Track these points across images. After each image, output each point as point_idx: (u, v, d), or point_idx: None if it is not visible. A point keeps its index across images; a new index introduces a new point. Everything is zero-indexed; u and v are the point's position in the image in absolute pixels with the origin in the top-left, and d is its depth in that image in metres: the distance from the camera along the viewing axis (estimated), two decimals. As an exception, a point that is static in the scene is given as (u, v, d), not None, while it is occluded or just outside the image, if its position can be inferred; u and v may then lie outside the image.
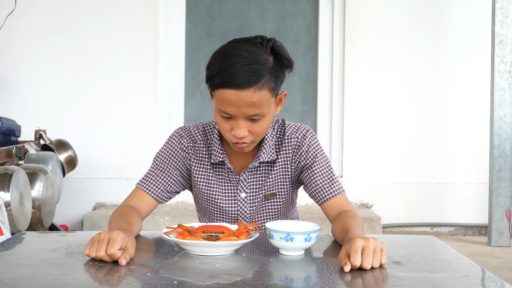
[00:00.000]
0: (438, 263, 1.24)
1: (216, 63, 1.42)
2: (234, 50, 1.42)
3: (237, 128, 1.44)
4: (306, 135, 1.60)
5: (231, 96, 1.39)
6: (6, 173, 2.39)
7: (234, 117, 1.43)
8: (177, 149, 1.60)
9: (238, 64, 1.39)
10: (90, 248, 1.22)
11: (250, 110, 1.41)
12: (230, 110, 1.42)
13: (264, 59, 1.42)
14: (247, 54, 1.41)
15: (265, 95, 1.42)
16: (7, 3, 3.69)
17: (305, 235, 1.27)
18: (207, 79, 1.46)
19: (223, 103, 1.41)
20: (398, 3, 3.97)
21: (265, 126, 1.47)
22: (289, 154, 1.60)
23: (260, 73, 1.40)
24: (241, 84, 1.38)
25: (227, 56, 1.41)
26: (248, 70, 1.39)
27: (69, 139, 3.59)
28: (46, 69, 3.87)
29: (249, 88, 1.39)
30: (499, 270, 3.10)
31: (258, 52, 1.42)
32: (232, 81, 1.38)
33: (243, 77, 1.38)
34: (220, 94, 1.41)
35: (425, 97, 4.01)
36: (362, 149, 4.00)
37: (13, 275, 1.11)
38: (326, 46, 4.09)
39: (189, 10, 4.09)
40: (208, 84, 1.45)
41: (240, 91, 1.39)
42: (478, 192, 4.02)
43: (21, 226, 2.44)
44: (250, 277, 1.13)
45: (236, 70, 1.38)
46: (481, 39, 3.96)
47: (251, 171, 1.59)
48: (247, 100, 1.40)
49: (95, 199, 3.91)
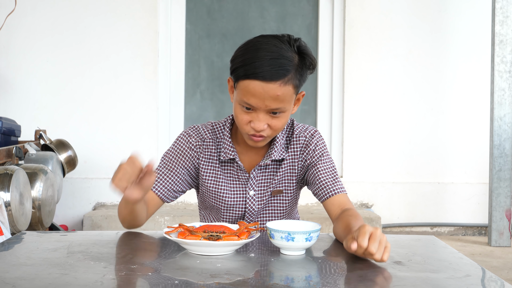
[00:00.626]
0: (439, 263, 1.24)
1: (243, 55, 1.45)
2: (262, 44, 1.45)
3: (257, 121, 1.46)
4: (314, 135, 1.63)
5: (256, 88, 1.41)
6: (6, 173, 2.39)
7: (255, 110, 1.45)
8: (186, 148, 1.61)
9: (267, 57, 1.41)
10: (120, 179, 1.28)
11: (273, 103, 1.43)
12: (253, 102, 1.43)
13: (291, 56, 1.45)
14: (275, 49, 1.43)
15: (289, 91, 1.44)
16: (7, 3, 3.69)
17: (306, 235, 1.27)
18: (232, 70, 1.48)
19: (247, 94, 1.43)
20: (398, 3, 3.97)
21: (283, 122, 1.49)
22: (297, 152, 1.62)
23: (287, 68, 1.43)
24: (268, 77, 1.40)
25: (255, 49, 1.44)
26: (276, 64, 1.41)
27: (69, 139, 3.59)
28: (46, 69, 3.87)
29: (275, 81, 1.41)
30: (499, 270, 3.10)
31: (286, 48, 1.45)
32: (259, 73, 1.40)
33: (271, 70, 1.40)
34: (245, 85, 1.43)
35: (425, 97, 4.01)
36: (362, 149, 4.00)
37: (14, 275, 1.11)
38: (326, 46, 4.09)
39: (189, 10, 4.09)
40: (233, 75, 1.47)
41: (266, 83, 1.41)
42: (478, 192, 4.02)
43: (21, 226, 2.44)
44: (251, 276, 1.13)
45: (264, 62, 1.41)
46: (481, 39, 3.96)
47: (261, 169, 1.61)
48: (272, 93, 1.42)
49: (95, 199, 3.91)
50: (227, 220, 1.64)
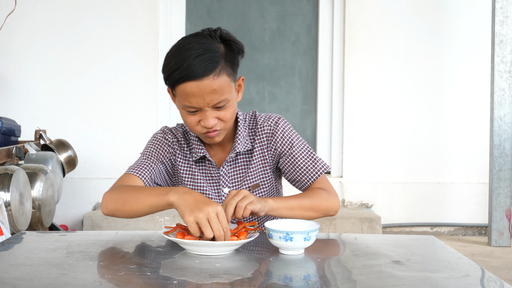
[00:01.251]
0: (438, 263, 1.24)
1: (170, 61, 1.45)
2: (185, 45, 1.44)
3: (205, 119, 1.47)
4: (278, 122, 1.63)
5: (192, 88, 1.42)
6: (6, 173, 2.39)
7: (200, 109, 1.46)
8: (163, 144, 1.62)
9: (192, 56, 1.42)
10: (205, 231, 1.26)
11: (214, 97, 1.44)
12: (194, 103, 1.44)
13: (216, 47, 1.45)
14: (198, 46, 1.43)
15: (225, 80, 1.45)
16: (7, 3, 3.69)
17: (305, 235, 1.27)
18: (165, 79, 1.48)
19: (187, 97, 1.44)
20: (398, 3, 3.97)
21: (232, 112, 1.50)
22: (263, 141, 1.62)
23: (215, 59, 1.43)
24: (199, 74, 1.41)
25: (179, 51, 1.44)
26: (203, 59, 1.42)
27: (69, 139, 3.59)
28: (46, 69, 3.87)
29: (207, 76, 1.42)
30: (499, 270, 3.10)
31: (208, 42, 1.45)
32: (190, 73, 1.41)
33: (199, 67, 1.41)
34: (182, 89, 1.43)
35: (425, 97, 4.01)
36: (362, 149, 4.00)
37: (13, 274, 1.11)
38: (326, 46, 4.09)
39: (189, 10, 4.09)
40: (168, 84, 1.48)
41: (200, 81, 1.41)
42: (478, 192, 4.02)
43: (21, 226, 2.44)
44: (249, 276, 1.13)
45: (191, 62, 1.41)
46: (481, 39, 3.96)
47: (230, 164, 1.62)
48: (208, 89, 1.42)
49: (95, 199, 3.91)
50: None
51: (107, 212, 1.50)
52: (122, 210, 1.47)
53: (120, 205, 1.47)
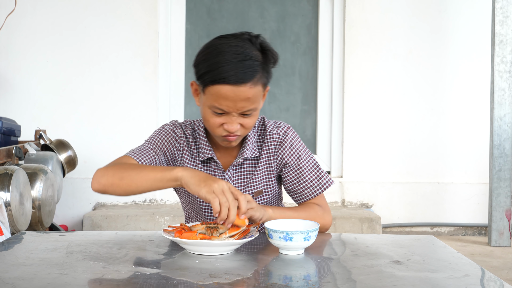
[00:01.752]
0: (438, 263, 1.24)
1: (207, 59, 1.43)
2: (226, 46, 1.42)
3: (230, 123, 1.45)
4: (287, 132, 1.62)
5: (227, 92, 1.40)
6: (6, 173, 2.39)
7: (227, 112, 1.44)
8: (170, 137, 1.60)
9: (234, 60, 1.40)
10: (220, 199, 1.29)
11: (246, 105, 1.43)
12: (225, 106, 1.42)
13: (256, 55, 1.44)
14: (240, 50, 1.42)
15: (259, 91, 1.44)
16: (7, 3, 3.69)
17: (304, 234, 1.27)
18: (198, 75, 1.45)
19: (218, 99, 1.42)
20: (398, 3, 3.97)
21: (254, 120, 1.50)
22: (271, 149, 1.61)
23: (255, 68, 1.42)
24: (238, 80, 1.39)
25: (219, 52, 1.42)
26: (245, 66, 1.40)
27: (69, 139, 3.59)
28: (46, 69, 3.87)
29: (245, 83, 1.40)
30: (499, 270, 3.10)
31: (249, 47, 1.44)
32: (229, 77, 1.39)
33: (240, 73, 1.39)
34: (215, 90, 1.41)
35: (425, 97, 4.01)
36: (362, 149, 4.00)
37: (13, 274, 1.11)
38: (326, 46, 4.09)
39: (189, 10, 4.09)
40: (200, 81, 1.45)
41: (237, 87, 1.40)
42: (478, 192, 4.02)
43: (21, 226, 2.44)
44: (250, 276, 1.13)
45: (232, 66, 1.39)
46: (481, 39, 3.96)
47: (236, 169, 1.61)
48: (243, 96, 1.41)
49: (95, 199, 3.91)
50: (209, 218, 1.64)
51: (99, 187, 1.46)
52: (119, 184, 1.43)
53: (117, 179, 1.44)
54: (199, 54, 1.47)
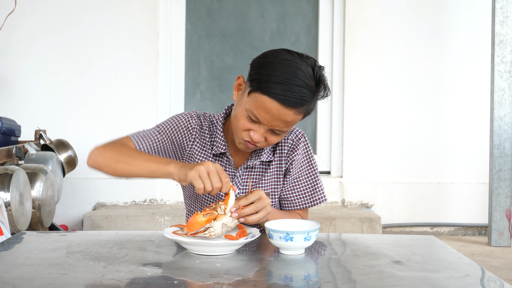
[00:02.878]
0: (438, 263, 1.24)
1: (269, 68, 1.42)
2: (291, 64, 1.41)
3: (257, 134, 1.46)
4: (300, 139, 1.63)
5: (272, 108, 1.41)
6: (6, 173, 2.39)
7: (259, 124, 1.45)
8: (183, 126, 1.59)
9: (294, 83, 1.39)
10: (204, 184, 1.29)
11: (280, 125, 1.44)
12: (262, 118, 1.43)
13: (312, 86, 1.43)
14: (303, 76, 1.41)
15: (299, 118, 1.46)
16: (7, 3, 3.69)
17: (305, 235, 1.27)
18: (252, 77, 1.44)
19: (259, 109, 1.42)
20: (398, 3, 3.97)
21: (279, 139, 1.51)
22: (284, 155, 1.62)
23: (307, 99, 1.42)
24: (288, 103, 1.40)
25: (282, 66, 1.41)
26: (300, 92, 1.40)
27: (69, 139, 3.59)
28: (46, 69, 3.87)
29: (292, 108, 1.41)
30: (499, 270, 3.10)
31: (310, 76, 1.42)
32: (282, 97, 1.39)
33: (294, 98, 1.39)
34: (262, 100, 1.41)
35: (425, 97, 4.01)
36: (362, 149, 4.00)
37: (14, 274, 1.11)
38: (326, 46, 4.09)
39: (189, 10, 4.09)
40: (252, 82, 1.44)
41: (284, 108, 1.40)
42: (478, 192, 4.02)
43: (21, 226, 2.44)
44: (250, 276, 1.13)
45: (290, 87, 1.39)
46: (481, 39, 3.96)
47: (247, 169, 1.61)
48: (284, 118, 1.42)
49: (95, 199, 3.91)
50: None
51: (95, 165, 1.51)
52: (114, 167, 1.46)
53: (113, 161, 1.47)
54: (262, 57, 1.46)
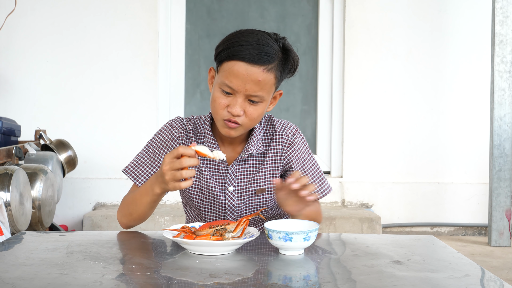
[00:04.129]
0: (438, 263, 1.24)
1: (230, 39, 1.48)
2: (250, 32, 1.48)
3: (234, 105, 1.47)
4: (295, 134, 1.65)
5: (240, 69, 1.44)
6: (6, 173, 2.39)
7: (235, 94, 1.47)
8: (168, 139, 1.61)
9: (254, 42, 1.45)
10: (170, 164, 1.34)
11: (254, 88, 1.45)
12: (234, 83, 1.45)
13: (276, 49, 1.48)
14: (262, 37, 1.47)
15: (270, 80, 1.47)
16: (7, 3, 3.69)
17: (304, 235, 1.27)
18: (217, 53, 1.49)
19: (230, 76, 1.45)
20: (398, 3, 3.97)
21: (259, 113, 1.51)
22: (279, 149, 1.62)
23: (272, 56, 1.46)
24: (253, 59, 1.43)
25: (243, 34, 1.47)
26: (262, 50, 1.44)
27: (69, 139, 3.59)
28: (46, 68, 3.87)
29: (259, 65, 1.44)
30: (499, 270, 3.10)
31: (272, 41, 1.49)
32: (245, 54, 1.43)
33: (257, 54, 1.43)
34: (229, 66, 1.45)
35: (425, 97, 4.01)
36: (362, 149, 4.00)
37: (14, 274, 1.11)
38: (326, 46, 4.09)
39: (189, 10, 4.09)
40: (218, 58, 1.49)
41: (250, 66, 1.43)
42: (478, 192, 4.02)
43: (21, 226, 2.44)
44: (250, 276, 1.13)
45: (251, 46, 1.44)
46: (481, 39, 3.96)
47: (240, 164, 1.60)
48: (254, 77, 1.44)
49: (95, 199, 3.91)
50: (209, 216, 1.64)
51: (126, 226, 1.61)
52: (133, 219, 1.57)
53: (129, 216, 1.57)
54: (224, 38, 1.51)
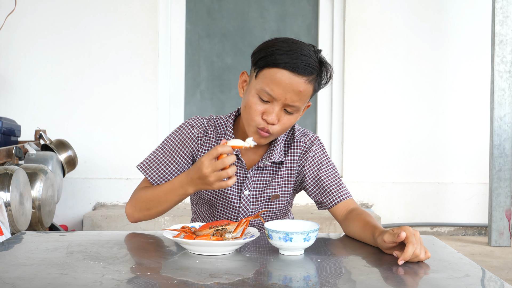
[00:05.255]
0: (438, 263, 1.24)
1: (273, 45, 1.46)
2: (292, 40, 1.47)
3: (270, 113, 1.46)
4: (314, 142, 1.62)
5: (283, 77, 1.43)
6: (6, 173, 2.39)
7: (273, 102, 1.46)
8: (187, 138, 1.59)
9: (298, 52, 1.44)
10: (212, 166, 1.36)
11: (293, 98, 1.45)
12: (275, 92, 1.44)
13: (316, 61, 1.47)
14: (305, 48, 1.46)
15: (309, 92, 1.47)
16: (7, 3, 3.69)
17: (304, 235, 1.27)
18: (258, 59, 1.47)
19: (271, 83, 1.44)
20: (398, 3, 3.97)
21: (292, 122, 1.50)
22: (296, 158, 1.61)
23: (315, 68, 1.46)
24: (297, 69, 1.42)
25: (287, 43, 1.46)
26: (306, 61, 1.44)
27: (69, 139, 3.59)
28: (46, 69, 3.87)
29: (302, 76, 1.43)
30: (499, 270, 3.10)
31: (313, 51, 1.48)
32: (290, 63, 1.42)
33: (301, 64, 1.43)
34: (272, 73, 1.43)
35: (425, 97, 4.01)
36: (362, 149, 4.00)
37: (14, 274, 1.11)
38: (326, 46, 4.09)
39: (189, 10, 4.09)
40: (259, 63, 1.47)
41: (294, 76, 1.43)
42: (478, 192, 4.02)
43: (21, 226, 2.44)
44: (250, 276, 1.13)
45: (296, 56, 1.43)
46: (481, 39, 3.96)
47: (258, 170, 1.60)
48: (295, 87, 1.43)
49: (95, 199, 3.91)
50: (222, 217, 1.64)
51: (136, 220, 1.60)
52: (150, 214, 1.56)
53: (146, 211, 1.56)
54: (262, 43, 1.50)
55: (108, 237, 1.46)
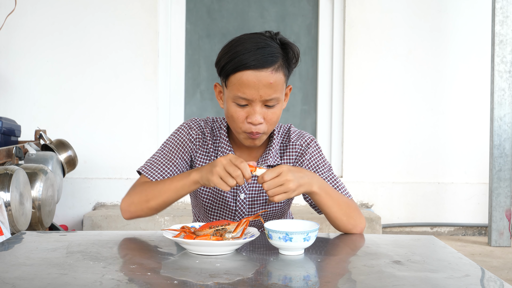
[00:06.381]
0: (438, 263, 1.24)
1: (229, 51, 1.45)
2: (247, 38, 1.46)
3: (253, 114, 1.45)
4: (310, 144, 1.61)
5: (249, 77, 1.42)
6: (6, 173, 2.39)
7: (251, 103, 1.45)
8: (186, 139, 1.60)
9: (254, 47, 1.43)
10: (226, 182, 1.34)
11: (268, 92, 1.44)
12: (248, 93, 1.43)
13: (276, 46, 1.46)
14: (260, 40, 1.45)
15: (281, 79, 1.45)
16: (7, 3, 3.69)
17: (304, 235, 1.27)
18: (220, 69, 1.47)
19: (241, 87, 1.43)
20: (398, 3, 3.97)
21: (278, 115, 1.49)
22: (292, 160, 1.61)
23: (276, 55, 1.44)
24: (259, 64, 1.41)
25: (240, 43, 1.45)
26: (265, 52, 1.43)
27: (69, 139, 3.59)
28: (46, 68, 3.87)
29: (267, 68, 1.42)
30: (499, 270, 3.10)
31: (269, 39, 1.47)
32: (250, 62, 1.41)
33: (261, 58, 1.42)
34: (238, 78, 1.43)
35: (425, 97, 4.01)
36: (362, 149, 4.00)
37: (14, 274, 1.11)
38: (326, 46, 4.09)
39: (189, 10, 4.09)
40: (222, 74, 1.47)
41: (258, 71, 1.42)
42: (478, 192, 4.02)
43: (21, 226, 2.44)
44: (250, 276, 1.13)
45: (252, 52, 1.42)
46: (481, 39, 3.96)
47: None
48: (265, 81, 1.42)
49: (95, 199, 3.91)
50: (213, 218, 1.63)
51: (131, 215, 1.53)
52: (148, 207, 1.50)
53: (144, 203, 1.50)
54: (220, 51, 1.49)
55: (108, 237, 1.46)
